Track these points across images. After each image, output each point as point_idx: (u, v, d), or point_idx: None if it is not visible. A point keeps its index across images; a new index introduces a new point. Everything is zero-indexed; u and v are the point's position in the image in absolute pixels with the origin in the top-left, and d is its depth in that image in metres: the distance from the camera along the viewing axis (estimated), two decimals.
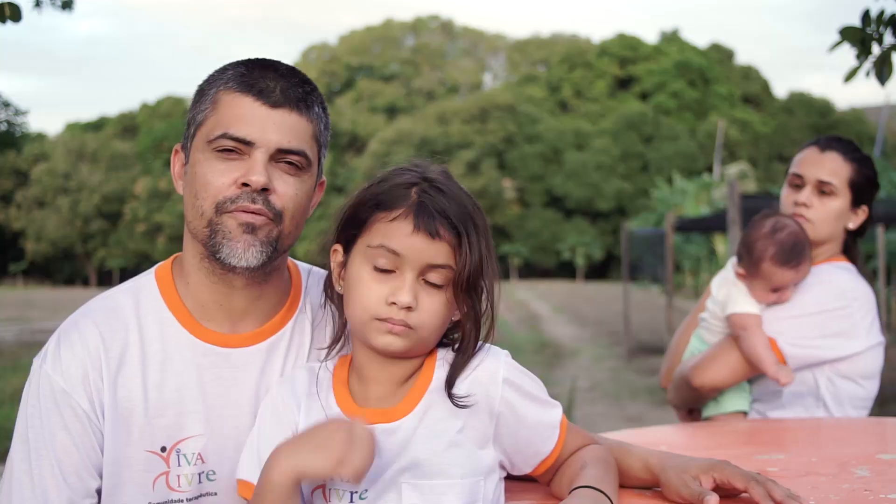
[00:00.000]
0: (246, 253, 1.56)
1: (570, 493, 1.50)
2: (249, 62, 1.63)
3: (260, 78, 1.58)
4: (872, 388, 2.61)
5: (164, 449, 1.60)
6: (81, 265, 68.05)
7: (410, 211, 1.43)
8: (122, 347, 1.61)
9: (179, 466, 1.61)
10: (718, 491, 1.56)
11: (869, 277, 2.72)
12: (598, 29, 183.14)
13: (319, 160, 1.66)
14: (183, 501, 1.62)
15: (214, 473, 1.63)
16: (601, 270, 64.17)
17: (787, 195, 2.69)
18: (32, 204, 64.85)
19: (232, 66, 1.63)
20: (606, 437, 1.82)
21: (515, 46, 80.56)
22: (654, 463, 1.64)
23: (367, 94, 72.31)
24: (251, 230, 1.56)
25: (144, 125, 69.75)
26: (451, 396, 1.47)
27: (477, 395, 1.48)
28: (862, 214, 2.69)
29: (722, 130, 46.94)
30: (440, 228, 1.42)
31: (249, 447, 1.55)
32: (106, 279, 66.28)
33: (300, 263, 1.80)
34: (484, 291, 1.48)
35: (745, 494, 1.54)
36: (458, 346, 1.51)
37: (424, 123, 63.44)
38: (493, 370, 1.50)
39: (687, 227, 16.68)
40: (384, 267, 1.43)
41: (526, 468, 1.58)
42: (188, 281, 1.66)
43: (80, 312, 1.66)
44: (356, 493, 1.45)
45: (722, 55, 75.31)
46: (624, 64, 72.79)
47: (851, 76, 3.22)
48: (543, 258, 63.41)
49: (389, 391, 1.50)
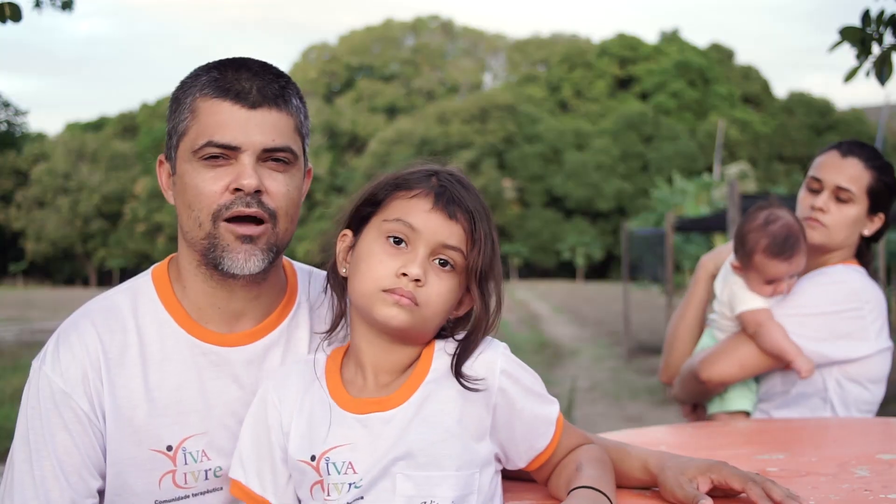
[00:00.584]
0: (248, 262, 1.58)
1: (568, 493, 1.50)
2: (221, 64, 1.62)
3: (234, 80, 1.58)
4: (879, 392, 2.61)
5: (170, 448, 1.61)
6: (81, 265, 68.06)
7: (431, 191, 1.48)
8: (120, 348, 1.61)
9: (186, 464, 1.62)
10: (717, 492, 1.56)
11: (872, 277, 2.72)
12: (598, 29, 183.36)
13: (304, 150, 1.67)
14: (189, 497, 1.63)
15: (221, 469, 1.64)
16: (601, 270, 64.18)
17: (804, 198, 2.67)
18: (32, 204, 64.84)
19: (204, 70, 1.62)
20: (606, 437, 1.82)
21: (515, 46, 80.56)
22: (652, 463, 1.64)
23: (367, 94, 72.31)
24: (249, 241, 1.57)
25: (144, 125, 69.70)
26: (461, 378, 1.49)
27: (483, 380, 1.50)
28: (878, 221, 2.68)
29: (722, 130, 46.93)
30: (457, 212, 1.47)
31: (237, 448, 1.58)
32: (106, 279, 66.29)
33: (294, 262, 1.82)
34: (494, 284, 1.51)
35: (743, 495, 1.54)
36: (465, 334, 1.53)
37: (424, 123, 63.45)
38: (491, 360, 1.52)
39: (687, 227, 16.65)
40: (398, 239, 1.46)
41: (520, 462, 1.59)
42: (185, 285, 1.66)
43: (78, 314, 1.66)
44: (353, 483, 1.46)
45: (722, 55, 75.30)
46: (624, 64, 72.79)
47: (851, 76, 3.22)
48: (543, 258, 63.42)
49: (386, 380, 1.52)
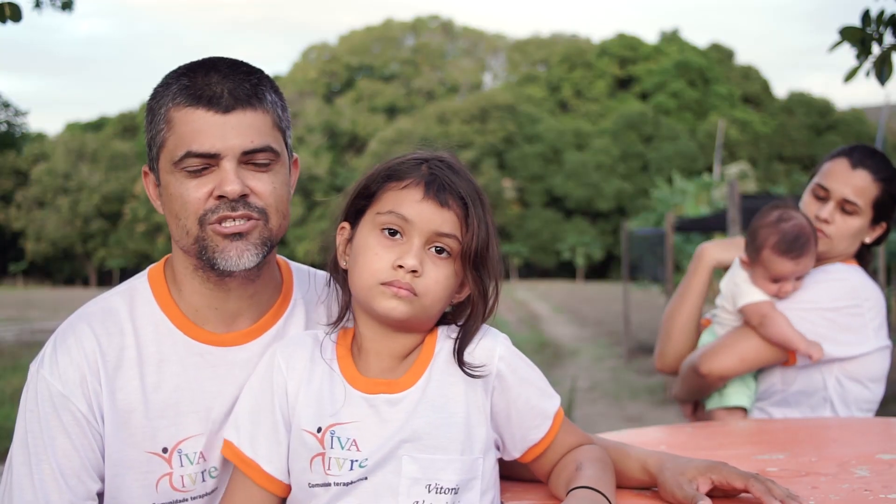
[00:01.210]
0: (241, 258, 1.58)
1: (567, 493, 1.51)
2: (189, 69, 1.60)
3: (205, 85, 1.56)
4: (879, 391, 2.62)
5: (165, 450, 1.61)
6: (81, 265, 68.05)
7: (421, 180, 1.49)
8: (118, 350, 1.61)
9: (182, 467, 1.62)
10: (717, 492, 1.56)
11: (871, 278, 2.72)
12: (598, 29, 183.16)
13: (287, 143, 1.67)
14: (188, 500, 1.63)
15: (216, 470, 1.64)
16: (601, 270, 64.16)
17: (808, 204, 2.67)
18: (32, 204, 64.81)
19: (174, 77, 1.61)
20: (605, 437, 1.82)
21: (515, 46, 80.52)
22: (651, 464, 1.64)
23: (367, 94, 72.28)
24: (239, 238, 1.57)
25: (144, 125, 69.54)
26: (463, 365, 1.50)
27: (484, 367, 1.52)
28: (879, 230, 2.69)
29: (722, 130, 46.93)
30: (449, 199, 1.48)
31: (234, 411, 1.59)
32: (106, 279, 66.29)
33: (290, 261, 1.82)
34: (490, 269, 1.52)
35: (745, 494, 1.54)
36: (465, 320, 1.54)
37: (424, 123, 63.43)
38: (490, 347, 1.54)
39: (687, 227, 16.64)
40: (392, 231, 1.47)
41: (515, 452, 1.60)
42: (180, 288, 1.67)
43: (75, 316, 1.66)
44: (356, 461, 1.47)
45: (722, 55, 75.27)
46: (624, 64, 72.76)
47: (851, 76, 3.22)
48: (543, 258, 63.40)
49: (390, 365, 1.53)
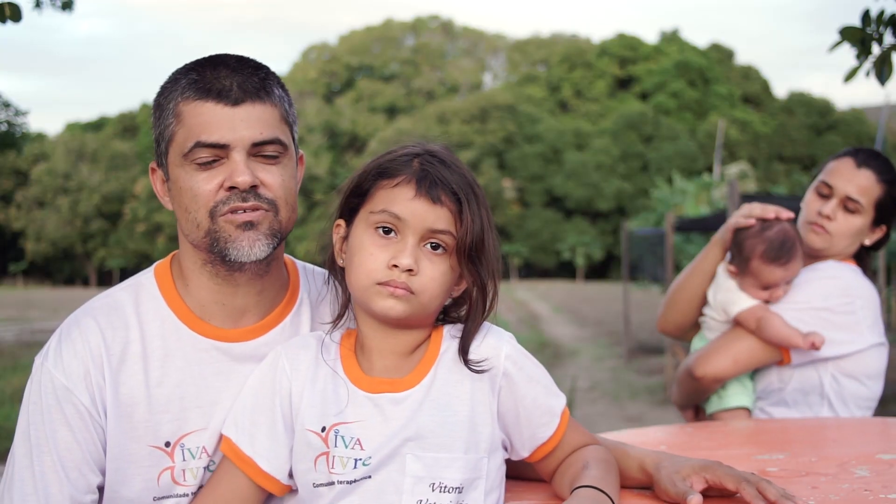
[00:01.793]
0: (253, 248, 1.58)
1: (571, 492, 1.51)
2: (198, 65, 1.62)
3: (214, 79, 1.58)
4: (876, 388, 2.62)
5: (167, 444, 1.62)
6: (81, 265, 68.05)
7: (413, 178, 1.47)
8: (123, 345, 1.62)
9: (184, 461, 1.62)
10: (712, 492, 1.56)
11: (870, 278, 2.73)
12: (598, 29, 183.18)
13: (293, 138, 1.68)
14: (188, 495, 1.63)
15: (217, 464, 1.64)
16: (601, 270, 64.17)
17: (811, 201, 2.67)
18: (32, 204, 64.82)
19: (182, 73, 1.62)
20: (605, 437, 1.82)
21: (515, 46, 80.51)
22: (648, 463, 1.65)
23: (367, 94, 72.27)
24: (251, 227, 1.57)
25: (144, 125, 69.63)
26: (467, 363, 1.51)
27: (486, 361, 1.52)
28: (879, 232, 2.70)
29: (722, 130, 46.91)
30: (441, 195, 1.46)
31: (234, 407, 1.59)
32: (106, 279, 66.28)
33: (296, 259, 1.82)
34: (487, 262, 1.51)
35: (738, 496, 1.54)
36: (465, 315, 1.54)
37: (424, 123, 63.39)
38: (496, 346, 1.54)
39: (687, 227, 16.64)
40: (386, 230, 1.47)
41: (524, 452, 1.60)
42: (187, 283, 1.67)
43: (81, 311, 1.67)
44: (360, 459, 1.47)
45: (722, 55, 75.27)
46: (624, 64, 72.76)
47: (851, 76, 3.22)
48: (543, 258, 63.40)
49: (393, 363, 1.53)
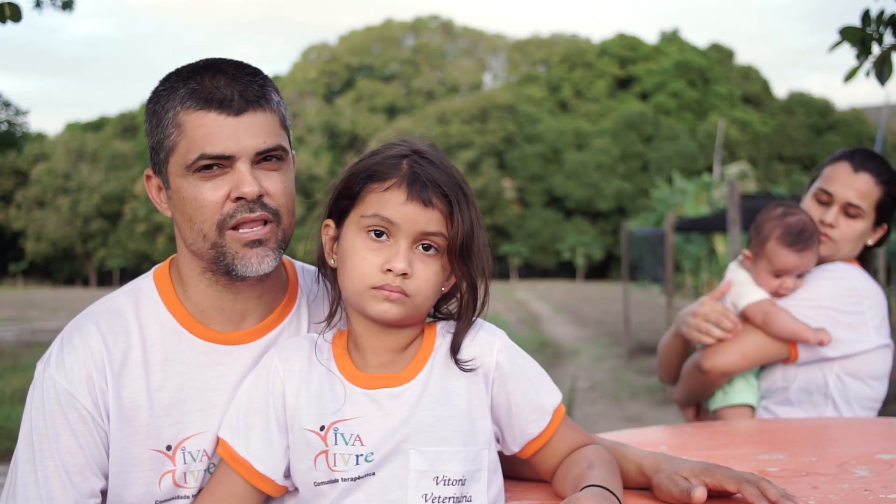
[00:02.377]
0: (262, 264, 1.59)
1: (580, 491, 1.50)
2: (195, 72, 1.60)
3: (215, 88, 1.57)
4: (881, 389, 2.62)
5: (169, 447, 1.62)
6: (81, 265, 68.05)
7: (403, 180, 1.47)
8: (124, 349, 1.62)
9: (186, 464, 1.63)
10: (711, 493, 1.56)
11: (872, 277, 2.73)
12: (598, 29, 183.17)
13: (289, 142, 1.68)
14: (189, 497, 1.64)
15: (216, 466, 1.64)
16: (601, 270, 64.17)
17: (811, 209, 2.67)
18: (32, 204, 64.82)
19: (180, 81, 1.60)
20: (603, 437, 1.82)
21: (515, 46, 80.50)
22: (647, 465, 1.65)
23: (367, 94, 72.26)
24: (258, 244, 1.58)
25: (144, 125, 69.55)
26: (456, 362, 1.52)
27: (475, 360, 1.53)
28: (881, 231, 2.71)
29: (722, 130, 46.92)
30: (433, 197, 1.47)
31: (230, 409, 1.60)
32: (106, 279, 66.30)
33: (293, 259, 1.83)
34: (477, 259, 1.52)
35: (738, 496, 1.54)
36: (457, 313, 1.56)
37: (424, 123, 63.39)
38: (488, 341, 1.55)
39: (687, 227, 16.66)
40: (378, 233, 1.47)
41: (514, 447, 1.61)
42: (186, 289, 1.67)
43: (81, 316, 1.67)
44: (361, 455, 1.47)
45: (722, 55, 75.26)
46: (624, 64, 72.76)
47: (851, 76, 3.22)
48: (543, 258, 63.39)
49: (388, 359, 1.54)
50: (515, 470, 1.73)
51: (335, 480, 1.48)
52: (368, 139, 64.36)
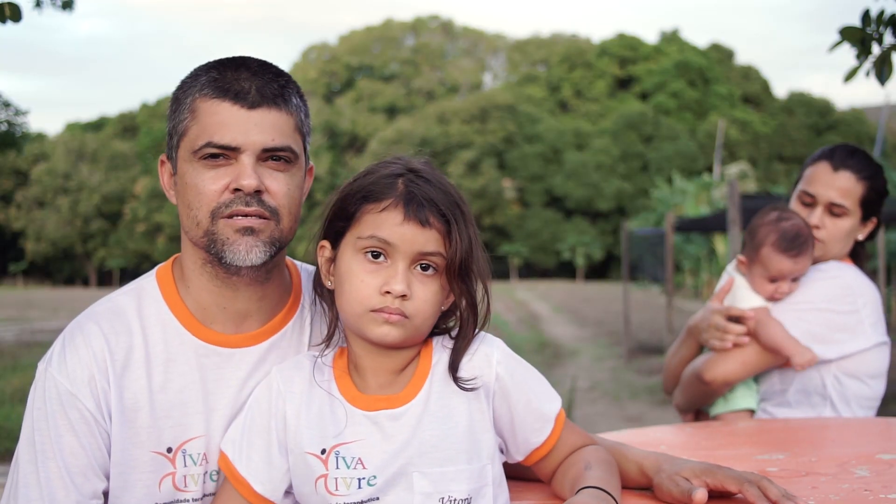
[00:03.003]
0: (249, 254, 1.57)
1: (576, 493, 1.50)
2: (220, 64, 1.62)
3: (234, 80, 1.58)
4: (879, 387, 2.61)
5: (169, 450, 1.61)
6: (81, 265, 68.03)
7: (400, 201, 1.45)
8: (126, 350, 1.61)
9: (185, 467, 1.62)
10: (712, 494, 1.56)
11: (870, 277, 2.73)
12: (598, 29, 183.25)
13: (305, 149, 1.67)
14: (189, 501, 1.63)
15: (218, 474, 1.64)
16: (601, 270, 64.16)
17: (797, 210, 2.66)
18: (32, 204, 64.82)
19: (203, 70, 1.62)
20: (604, 437, 1.82)
21: (515, 46, 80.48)
22: (647, 466, 1.64)
23: (367, 94, 72.25)
24: (250, 233, 1.57)
25: (144, 125, 69.62)
26: (456, 380, 1.50)
27: (477, 378, 1.51)
28: (870, 225, 2.70)
29: (722, 130, 46.94)
30: (430, 216, 1.44)
31: (234, 423, 1.59)
32: (106, 279, 66.28)
33: (298, 263, 1.81)
34: (476, 276, 1.50)
35: (739, 496, 1.54)
36: (457, 331, 1.53)
37: (424, 123, 63.37)
38: (487, 354, 1.53)
39: (687, 227, 16.68)
40: (375, 254, 1.45)
41: (518, 456, 1.60)
42: (189, 285, 1.66)
43: (83, 316, 1.66)
44: (364, 479, 1.46)
45: (722, 55, 75.25)
46: (624, 64, 72.75)
47: (851, 76, 3.22)
48: (543, 258, 63.37)
49: (388, 380, 1.52)
50: (515, 470, 1.72)
51: None
52: (368, 139, 64.37)
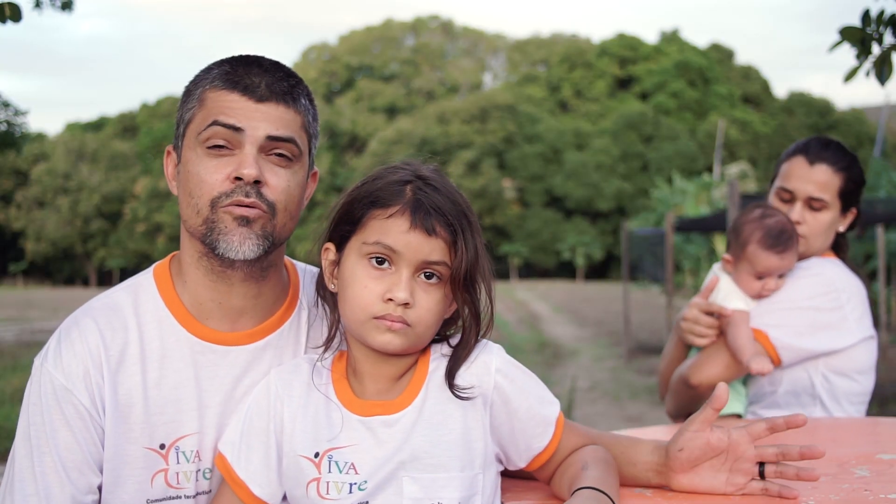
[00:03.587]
0: (242, 246, 1.57)
1: (572, 494, 1.50)
2: (234, 60, 1.64)
3: (245, 74, 1.60)
4: (867, 382, 2.60)
5: (162, 446, 1.61)
6: (81, 265, 68.04)
7: (407, 208, 1.44)
8: (121, 345, 1.62)
9: (178, 464, 1.62)
10: (716, 492, 1.56)
11: (869, 277, 2.72)
12: (598, 29, 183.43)
13: (310, 151, 1.68)
14: (181, 498, 1.63)
15: (210, 471, 1.64)
16: (601, 270, 64.17)
17: (777, 207, 2.65)
18: (32, 204, 64.83)
19: (217, 64, 1.64)
20: (616, 433, 1.80)
21: (515, 46, 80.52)
22: (661, 444, 1.63)
23: (367, 94, 72.27)
24: (246, 223, 1.57)
25: (144, 125, 69.70)
26: (452, 388, 1.49)
27: (474, 387, 1.50)
28: (850, 216, 2.69)
29: (722, 130, 46.94)
30: (436, 225, 1.43)
31: (232, 424, 1.58)
32: (106, 279, 66.28)
33: (297, 262, 1.81)
34: (481, 287, 1.50)
35: (755, 491, 1.56)
36: (458, 340, 1.53)
37: (424, 123, 63.38)
38: (486, 361, 1.52)
39: (687, 227, 16.65)
40: (379, 260, 1.44)
41: (520, 462, 1.59)
42: (186, 280, 1.67)
43: (80, 311, 1.66)
44: (355, 484, 1.45)
45: (722, 55, 75.27)
46: (624, 64, 72.77)
47: (851, 76, 3.22)
48: (543, 258, 63.38)
49: (386, 386, 1.52)
50: (514, 469, 1.72)
51: None
52: (368, 139, 64.37)
